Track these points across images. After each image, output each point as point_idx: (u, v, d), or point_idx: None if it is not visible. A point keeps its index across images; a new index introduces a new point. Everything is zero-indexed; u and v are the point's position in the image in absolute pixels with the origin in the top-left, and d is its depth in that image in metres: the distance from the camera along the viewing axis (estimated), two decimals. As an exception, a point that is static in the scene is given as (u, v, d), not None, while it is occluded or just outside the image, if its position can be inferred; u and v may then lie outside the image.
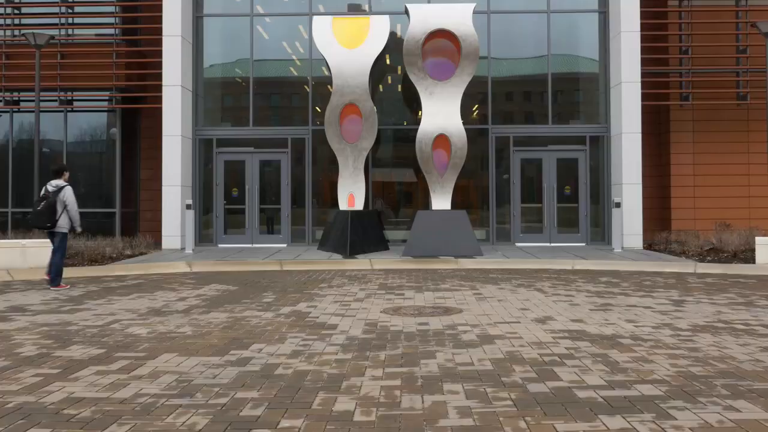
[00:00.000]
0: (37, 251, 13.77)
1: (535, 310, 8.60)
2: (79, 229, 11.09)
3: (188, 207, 16.55)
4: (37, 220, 10.68)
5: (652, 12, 17.55)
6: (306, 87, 18.00)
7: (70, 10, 18.13)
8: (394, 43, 17.59)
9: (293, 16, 18.15)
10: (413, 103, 17.88)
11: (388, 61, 17.98)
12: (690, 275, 12.63)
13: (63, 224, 10.79)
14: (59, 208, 10.59)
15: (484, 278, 12.03)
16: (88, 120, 18.42)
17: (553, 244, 17.66)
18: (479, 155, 17.95)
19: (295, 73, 18.37)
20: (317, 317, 8.26)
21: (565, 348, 6.41)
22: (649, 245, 17.14)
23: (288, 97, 18.74)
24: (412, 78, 15.84)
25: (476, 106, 18.10)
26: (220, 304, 9.36)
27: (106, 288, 11.13)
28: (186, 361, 6.03)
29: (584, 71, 18.30)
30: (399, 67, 17.87)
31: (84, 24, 18.32)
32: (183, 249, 16.82)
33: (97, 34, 18.26)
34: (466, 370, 5.61)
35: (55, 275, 10.87)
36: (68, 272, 13.25)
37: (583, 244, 17.69)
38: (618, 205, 16.32)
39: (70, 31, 18.30)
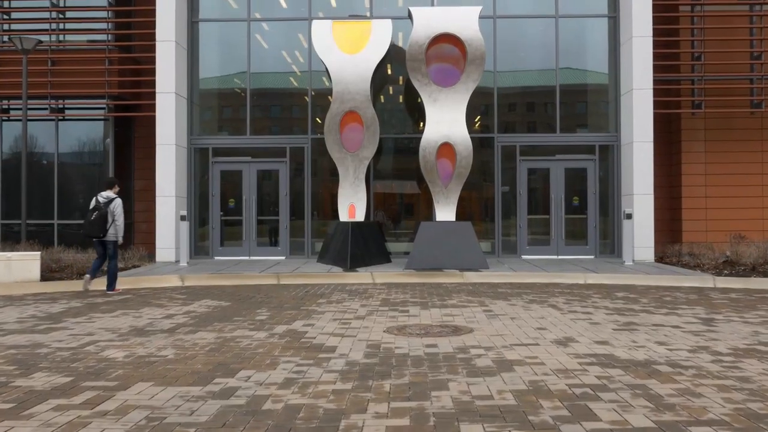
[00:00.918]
0: (22, 264, 12.94)
1: (553, 330, 7.75)
2: (120, 241, 11.55)
3: (182, 218, 15.73)
4: (89, 230, 11.18)
5: (663, 17, 16.78)
6: (305, 96, 17.19)
7: (61, 15, 17.38)
8: (396, 48, 16.85)
9: (292, 21, 17.36)
10: (416, 110, 17.10)
11: (390, 67, 17.19)
12: (711, 290, 11.77)
13: (113, 233, 11.39)
14: (110, 219, 11.20)
15: (492, 293, 11.18)
16: (80, 129, 17.59)
17: (560, 257, 16.80)
18: (484, 165, 17.14)
19: (294, 81, 17.55)
20: (314, 337, 7.42)
21: (596, 377, 5.55)
22: (660, 258, 16.30)
23: (287, 105, 17.90)
24: (416, 84, 15.05)
25: (480, 116, 17.28)
26: (209, 322, 8.51)
27: (90, 304, 10.28)
28: (161, 393, 5.18)
29: (593, 78, 17.48)
30: (401, 75, 17.10)
31: (76, 30, 17.54)
32: (177, 262, 15.97)
33: (89, 41, 17.47)
34: (485, 406, 4.76)
35: (111, 282, 11.55)
36: (53, 286, 12.44)
37: (592, 257, 16.84)
38: (629, 216, 15.50)
39: (61, 38, 17.52)
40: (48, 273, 14.03)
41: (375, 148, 15.48)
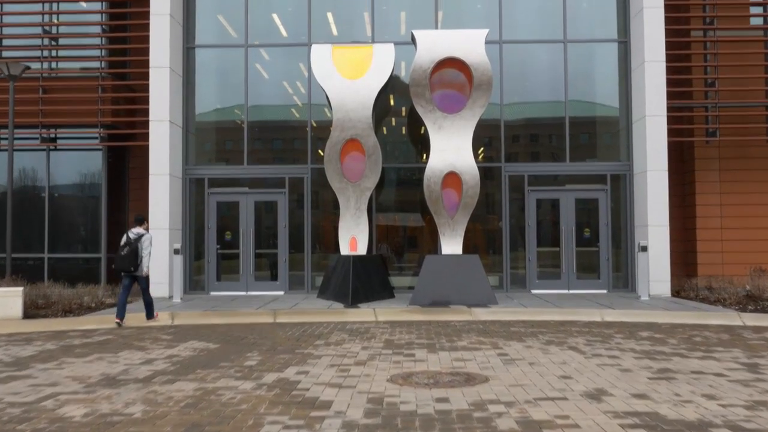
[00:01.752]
0: (3, 301, 12.02)
1: (579, 379, 6.68)
2: (145, 273, 11.47)
3: (176, 252, 14.71)
4: (121, 265, 11.24)
5: (674, 43, 15.91)
6: (305, 124, 16.26)
7: (53, 42, 16.56)
8: (399, 74, 16.00)
9: (291, 47, 16.51)
10: (421, 138, 16.18)
11: (393, 94, 16.30)
12: (741, 329, 10.68)
13: (144, 267, 11.42)
14: (141, 254, 11.25)
15: (505, 333, 10.10)
16: (72, 159, 16.68)
17: (572, 291, 15.72)
18: (491, 195, 16.14)
19: (294, 109, 16.63)
20: (307, 389, 6.36)
21: (647, 446, 4.50)
22: (677, 292, 15.22)
23: (286, 133, 16.91)
24: (420, 110, 14.14)
25: (486, 146, 16.32)
26: (191, 369, 7.45)
27: (65, 347, 9.22)
28: (114, 469, 4.14)
29: (603, 105, 16.52)
30: (405, 101, 16.22)
31: (69, 57, 16.70)
32: (171, 297, 14.93)
33: (82, 68, 16.62)
34: (516, 491, 3.70)
35: (149, 311, 11.64)
36: (34, 325, 11.39)
37: (605, 291, 15.74)
38: (644, 248, 14.44)
39: (54, 65, 16.69)
40: (33, 310, 13.01)
41: (377, 177, 14.52)
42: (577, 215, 15.97)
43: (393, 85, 16.04)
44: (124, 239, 11.45)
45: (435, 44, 14.15)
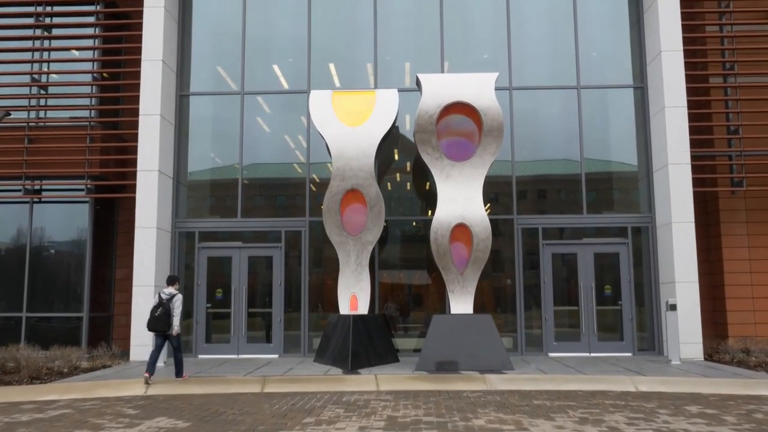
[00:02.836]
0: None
1: (638, 479, 4.99)
2: (175, 332, 11.10)
3: (160, 311, 13.12)
4: (155, 325, 10.96)
5: (692, 89, 14.56)
6: (303, 175, 14.83)
7: (42, 90, 15.32)
8: (404, 123, 14.65)
9: (289, 95, 15.20)
10: (427, 189, 14.73)
11: (397, 142, 14.92)
12: (801, 401, 8.95)
13: (175, 327, 11.12)
14: (173, 313, 11.01)
15: (528, 407, 8.38)
16: (57, 212, 15.17)
17: (593, 354, 13.97)
18: (503, 249, 14.55)
19: (292, 158, 15.15)
20: (284, 494, 4.68)
21: None
22: (709, 355, 13.49)
23: (282, 184, 15.38)
24: (426, 158, 12.72)
25: (498, 195, 14.83)
26: (144, 460, 5.78)
27: (9, 424, 7.55)
28: None
29: (621, 153, 14.95)
30: (409, 149, 14.84)
31: (58, 105, 15.40)
32: (154, 361, 13.24)
33: (71, 117, 15.32)
34: None
35: (179, 369, 11.16)
36: (-11, 396, 9.75)
37: (629, 354, 13.98)
38: (673, 307, 12.76)
39: (41, 114, 15.40)
40: (0, 375, 11.44)
41: (380, 230, 12.99)
42: (597, 271, 14.33)
43: (397, 134, 14.71)
44: (156, 299, 11.18)
45: (441, 88, 12.83)
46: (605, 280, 14.35)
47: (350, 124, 13.21)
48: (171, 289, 11.25)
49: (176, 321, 11.09)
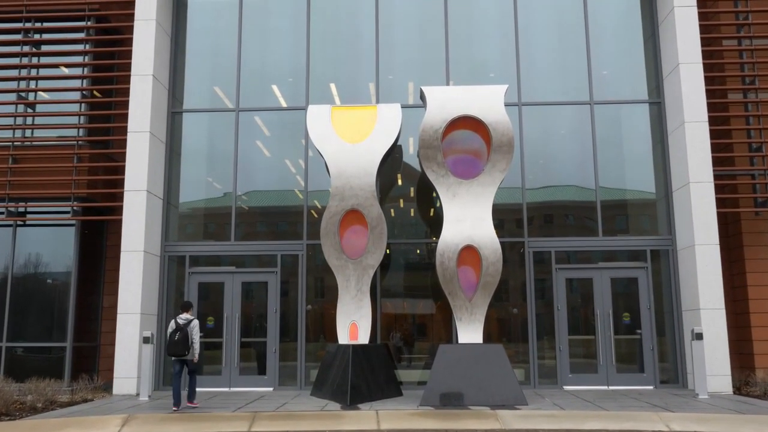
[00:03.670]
0: None
1: None
2: (196, 359, 10.96)
3: (146, 341, 12.04)
4: (175, 350, 10.69)
5: (710, 104, 13.52)
6: (300, 196, 13.79)
7: (30, 109, 14.39)
8: (408, 140, 13.65)
9: (286, 112, 14.21)
10: (432, 208, 13.67)
11: (400, 159, 13.88)
12: None
13: (195, 354, 10.96)
14: (191, 339, 10.79)
15: (549, 450, 7.21)
16: (41, 235, 14.15)
17: (611, 387, 12.75)
18: (513, 274, 13.41)
19: (288, 179, 14.05)
20: None
21: None
22: (737, 388, 12.30)
23: (279, 206, 14.23)
24: (430, 176, 11.69)
25: (507, 218, 13.74)
26: None
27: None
28: None
29: (638, 172, 13.77)
30: (413, 167, 13.81)
31: (44, 125, 14.42)
32: (138, 395, 12.09)
33: (59, 136, 14.36)
34: None
35: (192, 395, 10.91)
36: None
37: (651, 387, 12.76)
38: (699, 336, 11.59)
39: (28, 132, 14.44)
40: (-31, 411, 10.30)
41: (382, 254, 11.91)
42: (614, 297, 13.16)
43: (400, 152, 13.71)
44: (173, 325, 10.85)
45: (447, 102, 11.86)
46: (623, 307, 13.19)
47: (350, 141, 12.22)
48: (186, 315, 10.96)
49: (197, 347, 10.87)
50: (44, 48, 14.78)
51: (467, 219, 11.55)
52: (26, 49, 14.57)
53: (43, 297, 14.04)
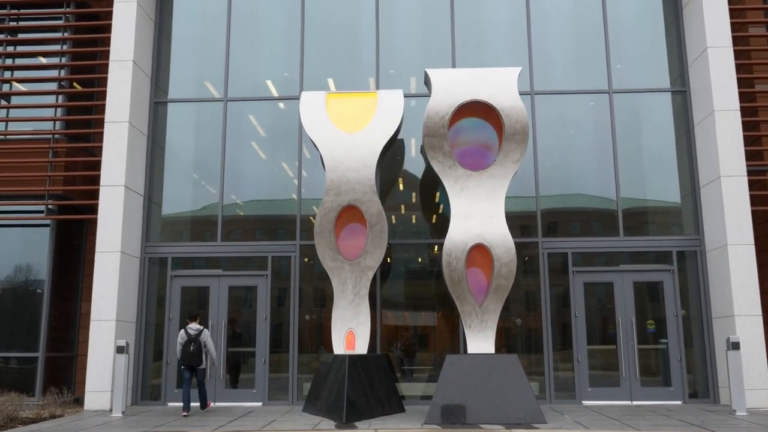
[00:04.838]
0: None
1: None
2: (216, 364, 11.19)
3: (120, 350, 10.63)
4: (190, 360, 10.57)
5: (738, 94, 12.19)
6: (293, 191, 12.40)
7: (4, 101, 13.06)
8: (411, 130, 12.23)
9: (278, 101, 12.86)
10: (437, 202, 12.28)
11: (403, 150, 12.50)
12: None
13: (205, 362, 10.97)
14: (204, 348, 10.74)
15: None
16: (12, 236, 12.81)
17: (635, 402, 11.32)
18: (526, 277, 12.00)
19: (280, 175, 12.65)
20: None
21: None
22: (775, 403, 10.88)
23: (269, 203, 12.79)
24: (436, 168, 10.33)
25: (519, 216, 12.34)
26: None
27: None
28: None
29: (661, 166, 12.38)
30: (417, 159, 12.43)
31: (18, 118, 13.06)
32: (111, 411, 10.66)
33: (33, 130, 13.00)
34: None
35: (205, 401, 10.92)
36: None
37: (679, 402, 11.32)
38: (736, 346, 10.18)
39: (3, 126, 13.09)
40: None
41: (382, 254, 10.53)
42: (637, 303, 11.73)
43: (403, 142, 12.35)
44: (184, 336, 10.65)
45: (455, 85, 10.53)
46: (647, 314, 11.76)
47: (347, 130, 10.88)
48: (195, 325, 10.77)
49: (214, 355, 10.85)
50: (21, 36, 13.50)
51: (477, 215, 10.18)
52: (1, 37, 13.30)
53: (13, 304, 12.63)
